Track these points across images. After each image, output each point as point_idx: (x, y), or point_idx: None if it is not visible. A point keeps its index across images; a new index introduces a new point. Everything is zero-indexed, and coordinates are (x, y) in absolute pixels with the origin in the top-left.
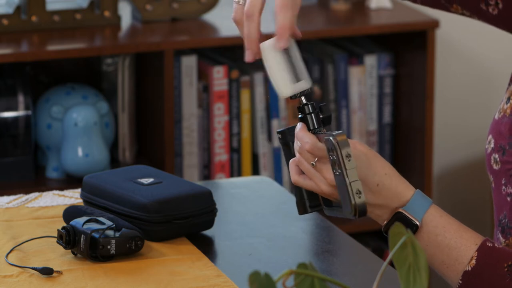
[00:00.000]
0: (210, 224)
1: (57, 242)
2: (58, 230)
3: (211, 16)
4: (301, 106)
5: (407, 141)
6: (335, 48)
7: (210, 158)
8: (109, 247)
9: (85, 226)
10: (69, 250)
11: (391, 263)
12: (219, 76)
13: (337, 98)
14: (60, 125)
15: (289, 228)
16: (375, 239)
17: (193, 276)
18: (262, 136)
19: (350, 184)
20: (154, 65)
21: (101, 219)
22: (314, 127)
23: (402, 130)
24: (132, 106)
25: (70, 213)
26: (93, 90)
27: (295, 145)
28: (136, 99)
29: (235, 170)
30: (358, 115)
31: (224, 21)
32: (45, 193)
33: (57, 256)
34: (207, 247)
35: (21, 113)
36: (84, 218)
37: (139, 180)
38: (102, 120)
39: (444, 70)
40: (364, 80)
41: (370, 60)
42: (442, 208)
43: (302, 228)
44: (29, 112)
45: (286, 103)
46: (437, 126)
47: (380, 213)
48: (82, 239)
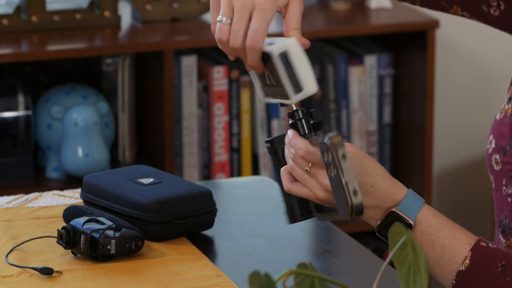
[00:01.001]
0: (210, 224)
1: (57, 242)
2: (58, 230)
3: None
4: (291, 112)
5: (407, 141)
6: (335, 48)
7: (210, 158)
8: (109, 247)
9: (85, 226)
10: (69, 250)
11: (391, 263)
12: (219, 76)
13: (337, 98)
14: (60, 125)
15: (289, 228)
16: (375, 239)
17: (193, 276)
18: (262, 136)
19: (346, 185)
20: (154, 65)
21: (101, 219)
22: (305, 132)
23: (402, 130)
24: (132, 106)
25: (70, 213)
26: (93, 90)
27: (287, 153)
28: (136, 99)
29: (235, 170)
30: (358, 115)
31: None
32: (45, 193)
33: (57, 256)
34: (207, 247)
35: (21, 113)
36: (84, 218)
37: (139, 180)
38: (102, 120)
39: (444, 70)
40: (364, 80)
41: (370, 60)
42: (443, 208)
43: (302, 228)
44: (29, 112)
45: None
46: (437, 126)
47: (373, 214)
48: (82, 239)
